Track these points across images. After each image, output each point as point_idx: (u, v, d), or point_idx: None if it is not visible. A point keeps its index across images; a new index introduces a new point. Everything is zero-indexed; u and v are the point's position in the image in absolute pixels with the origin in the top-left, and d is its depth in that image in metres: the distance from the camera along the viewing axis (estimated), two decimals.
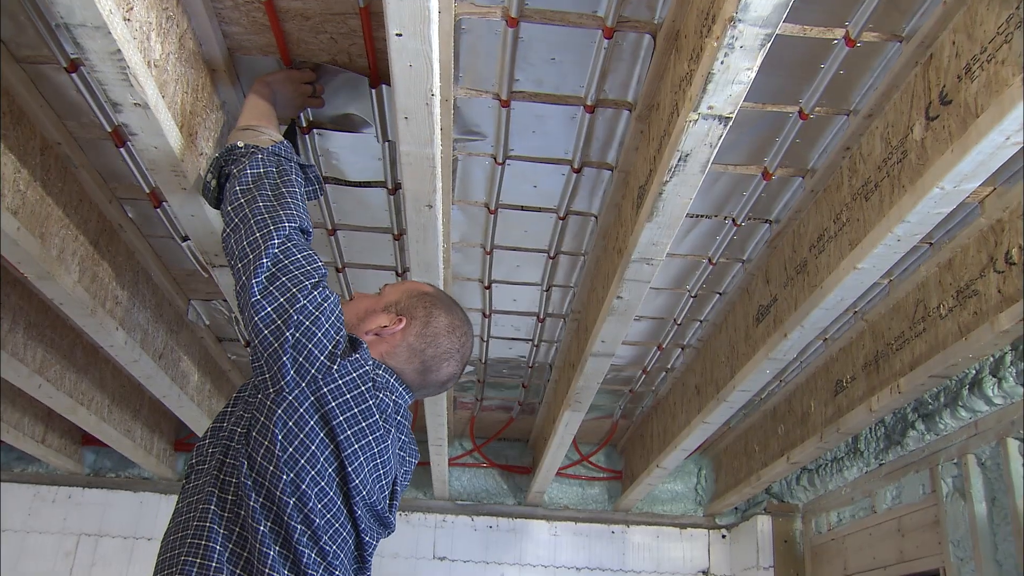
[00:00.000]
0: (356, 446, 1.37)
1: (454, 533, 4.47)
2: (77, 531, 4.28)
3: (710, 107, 1.43)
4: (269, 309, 1.34)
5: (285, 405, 1.32)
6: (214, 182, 1.61)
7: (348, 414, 1.36)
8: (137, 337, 2.59)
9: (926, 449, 3.04)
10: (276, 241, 1.39)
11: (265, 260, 1.37)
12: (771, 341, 2.42)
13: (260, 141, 1.60)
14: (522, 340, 3.24)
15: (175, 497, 4.56)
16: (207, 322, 3.06)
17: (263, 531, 1.31)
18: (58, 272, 2.06)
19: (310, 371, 1.33)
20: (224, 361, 3.47)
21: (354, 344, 1.42)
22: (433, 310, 1.56)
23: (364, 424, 1.38)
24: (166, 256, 2.60)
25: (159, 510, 4.35)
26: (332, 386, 1.34)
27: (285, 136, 1.89)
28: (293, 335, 1.32)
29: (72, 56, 1.74)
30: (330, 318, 1.37)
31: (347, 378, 1.36)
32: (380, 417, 1.41)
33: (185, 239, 2.42)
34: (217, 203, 1.63)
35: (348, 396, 1.36)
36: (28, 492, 4.32)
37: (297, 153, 1.86)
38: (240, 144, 1.58)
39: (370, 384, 1.40)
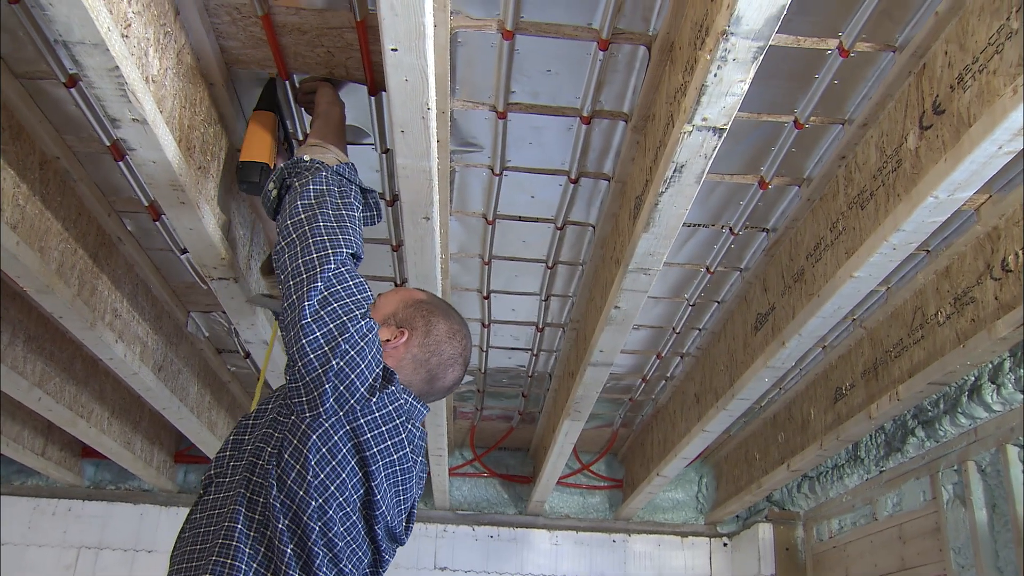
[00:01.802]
0: (384, 475, 1.38)
1: (455, 543, 4.46)
2: (77, 544, 4.28)
3: (704, 119, 1.44)
4: (318, 334, 1.34)
5: (321, 432, 1.32)
6: (275, 192, 1.60)
7: (382, 446, 1.37)
8: (136, 350, 2.60)
9: (926, 456, 3.04)
10: (332, 265, 1.39)
11: (319, 283, 1.37)
12: (769, 349, 2.43)
13: (326, 158, 1.60)
14: (521, 350, 3.24)
15: (175, 509, 4.57)
16: (206, 334, 3.06)
17: (289, 553, 1.31)
18: (57, 285, 2.06)
19: (349, 401, 1.33)
20: (224, 373, 3.47)
21: (387, 375, 1.42)
22: (432, 318, 1.55)
23: (395, 456, 1.39)
24: (165, 268, 2.61)
25: (159, 522, 4.34)
26: (369, 418, 1.35)
27: (264, 90, 1.85)
28: (338, 364, 1.33)
29: (71, 71, 1.75)
30: (372, 349, 1.38)
31: (384, 411, 1.37)
32: (409, 448, 1.43)
33: (184, 252, 2.42)
34: (275, 213, 1.62)
35: (383, 428, 1.37)
36: (28, 505, 4.31)
37: (275, 100, 1.83)
38: (306, 158, 1.58)
39: (404, 417, 1.41)
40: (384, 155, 2.06)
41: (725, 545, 4.52)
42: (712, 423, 3.00)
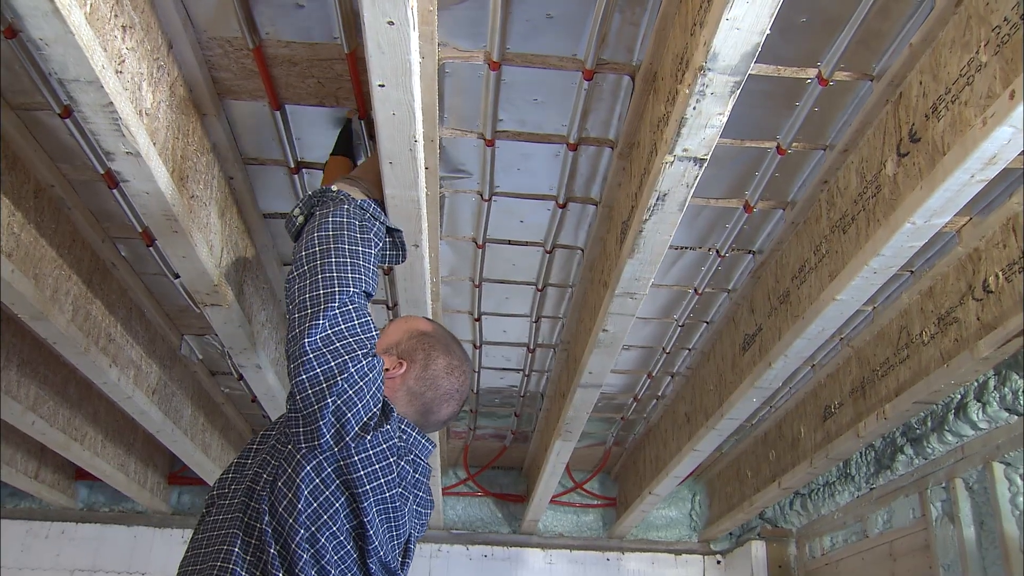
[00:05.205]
0: (375, 510, 1.40)
1: (449, 563, 4.46)
2: (71, 567, 4.27)
3: (685, 149, 1.47)
4: (319, 370, 1.35)
5: (315, 463, 1.34)
6: (300, 217, 1.61)
7: (374, 484, 1.38)
8: (130, 374, 2.61)
9: (915, 473, 3.06)
10: (338, 303, 1.40)
11: (323, 320, 1.38)
12: (756, 370, 2.45)
13: (353, 192, 1.61)
14: (513, 370, 3.26)
15: (169, 531, 4.54)
16: (200, 357, 3.08)
17: None
18: (52, 312, 2.08)
19: (344, 438, 1.35)
20: (217, 395, 3.49)
21: (385, 411, 1.43)
22: (432, 352, 1.57)
23: (387, 493, 1.41)
24: (158, 292, 2.63)
25: (153, 544, 4.33)
26: (363, 455, 1.37)
27: (340, 134, 1.89)
28: (335, 402, 1.34)
29: (65, 103, 1.78)
30: (371, 388, 1.39)
31: (376, 449, 1.39)
32: (400, 487, 1.45)
33: (177, 276, 2.45)
34: (297, 237, 1.62)
35: (376, 466, 1.38)
36: (21, 528, 4.30)
37: (350, 145, 1.84)
38: (334, 188, 1.60)
39: (396, 456, 1.43)
40: None
41: (719, 562, 4.53)
42: (702, 442, 3.02)
